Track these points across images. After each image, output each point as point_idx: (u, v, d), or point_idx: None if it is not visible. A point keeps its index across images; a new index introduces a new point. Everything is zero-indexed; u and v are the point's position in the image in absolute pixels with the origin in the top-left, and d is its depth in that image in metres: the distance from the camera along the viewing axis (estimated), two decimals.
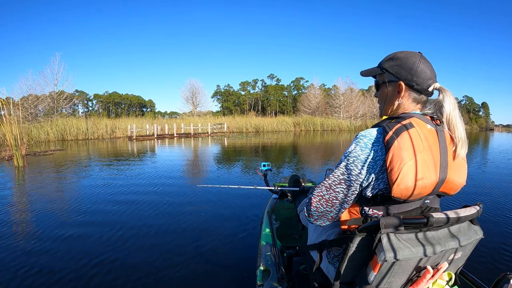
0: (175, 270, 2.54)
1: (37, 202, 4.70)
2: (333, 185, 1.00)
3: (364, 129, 1.04)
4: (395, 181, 0.89)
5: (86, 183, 6.27)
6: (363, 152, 0.96)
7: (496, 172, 7.73)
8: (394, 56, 1.08)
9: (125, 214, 4.08)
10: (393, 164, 0.89)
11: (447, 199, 3.95)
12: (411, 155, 0.89)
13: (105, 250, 2.93)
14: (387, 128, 0.95)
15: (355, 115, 46.37)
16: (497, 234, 3.29)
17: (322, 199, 1.03)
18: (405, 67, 1.03)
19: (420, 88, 1.03)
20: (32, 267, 2.59)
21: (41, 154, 11.52)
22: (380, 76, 1.13)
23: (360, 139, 0.98)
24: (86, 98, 75.79)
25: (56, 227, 3.57)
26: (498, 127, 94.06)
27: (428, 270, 0.91)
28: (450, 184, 0.97)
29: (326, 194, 1.02)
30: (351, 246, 0.92)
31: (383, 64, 1.10)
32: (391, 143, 0.90)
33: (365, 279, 0.91)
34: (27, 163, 8.90)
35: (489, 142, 22.45)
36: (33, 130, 20.13)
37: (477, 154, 12.83)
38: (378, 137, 0.96)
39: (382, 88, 1.12)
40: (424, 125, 0.96)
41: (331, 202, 1.02)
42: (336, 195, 1.00)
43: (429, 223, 0.85)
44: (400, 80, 1.04)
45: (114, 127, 24.40)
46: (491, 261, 2.65)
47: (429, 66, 1.04)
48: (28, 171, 7.72)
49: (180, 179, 6.62)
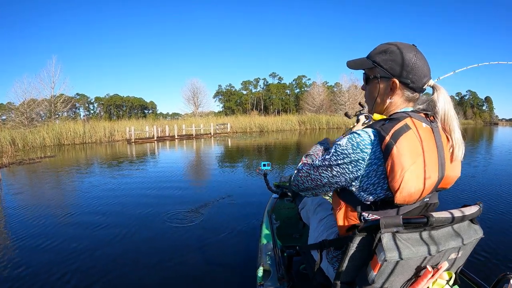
0: (175, 270, 2.54)
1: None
2: (320, 169, 1.01)
3: None
4: (398, 189, 0.87)
5: (58, 202, 5.39)
6: (354, 152, 0.92)
7: (497, 169, 7.61)
8: (386, 48, 1.00)
9: (119, 217, 3.70)
10: (394, 172, 0.86)
11: (447, 199, 4.33)
12: (412, 160, 0.86)
13: (103, 250, 2.96)
14: (382, 132, 0.90)
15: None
16: (498, 233, 3.29)
17: (309, 177, 1.06)
18: (401, 63, 0.97)
19: (415, 86, 0.98)
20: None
21: (26, 163, 10.46)
22: (370, 70, 1.04)
23: (353, 138, 0.93)
24: (87, 101, 75.66)
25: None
26: (502, 121, 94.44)
27: (428, 269, 0.89)
28: (448, 179, 0.96)
29: (313, 174, 1.04)
30: (351, 246, 0.90)
31: (375, 57, 1.02)
32: (390, 149, 0.87)
33: (365, 279, 0.89)
34: (9, 172, 7.97)
35: (495, 139, 21.60)
36: (28, 135, 19.43)
37: (482, 150, 12.62)
38: (372, 141, 0.91)
39: (373, 84, 1.04)
40: (420, 124, 0.92)
41: (315, 182, 1.04)
42: (321, 178, 1.02)
43: (429, 223, 0.84)
44: (394, 77, 0.98)
45: (112, 129, 23.55)
46: (491, 261, 2.63)
47: (425, 62, 0.99)
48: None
49: (179, 188, 5.95)
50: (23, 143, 18.83)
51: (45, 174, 8.09)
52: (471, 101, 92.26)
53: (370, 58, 1.03)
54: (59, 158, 12.31)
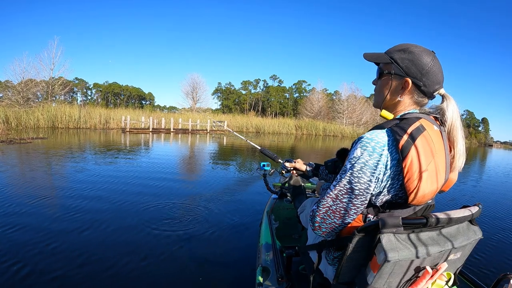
0: (174, 270, 2.47)
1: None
2: (340, 195, 0.94)
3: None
4: (414, 189, 0.87)
5: (46, 182, 5.31)
6: (371, 158, 0.89)
7: (496, 172, 8.29)
8: (407, 48, 0.99)
9: (115, 211, 3.69)
10: (412, 172, 0.86)
11: (447, 198, 4.38)
12: (428, 160, 0.87)
13: (101, 251, 2.73)
14: (399, 131, 0.89)
15: (358, 122, 45.89)
16: (497, 234, 3.29)
17: (329, 210, 0.96)
18: (417, 64, 0.97)
19: (427, 90, 0.98)
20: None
21: (17, 142, 10.34)
22: (386, 65, 1.04)
23: (366, 143, 0.90)
24: (85, 86, 75.00)
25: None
26: (497, 143, 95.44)
27: (428, 270, 0.89)
28: (449, 182, 0.98)
29: (333, 205, 0.95)
30: (350, 247, 0.89)
31: (393, 54, 1.01)
32: (408, 149, 0.86)
33: (364, 280, 0.89)
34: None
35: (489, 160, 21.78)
36: (23, 114, 19.21)
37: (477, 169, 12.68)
38: (388, 141, 0.90)
39: (386, 79, 1.04)
40: (431, 126, 0.93)
41: (338, 213, 0.95)
42: (344, 206, 0.94)
43: (428, 224, 0.84)
44: (408, 77, 0.98)
45: (108, 117, 23.39)
46: (490, 261, 2.62)
47: (441, 70, 0.99)
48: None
49: (173, 180, 5.86)
50: (17, 122, 18.63)
51: (32, 155, 7.95)
52: (468, 121, 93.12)
53: (388, 54, 1.03)
54: (51, 140, 12.14)
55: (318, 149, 17.52)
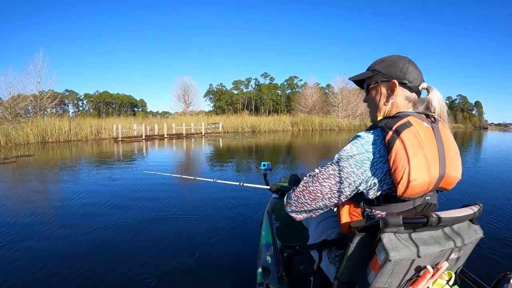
0: (174, 270, 2.50)
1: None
2: (321, 178, 0.99)
3: (364, 128, 1.05)
4: (400, 180, 0.88)
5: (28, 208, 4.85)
6: (359, 152, 0.94)
7: (496, 171, 7.67)
8: (384, 59, 1.10)
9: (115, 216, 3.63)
10: (396, 164, 0.88)
11: (447, 198, 4.35)
12: (414, 153, 0.88)
13: (100, 251, 2.86)
14: (386, 128, 0.93)
15: (353, 114, 45.78)
16: (497, 233, 3.27)
17: (306, 190, 1.02)
18: (397, 67, 1.05)
19: (412, 85, 1.05)
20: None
21: (0, 162, 9.56)
22: (370, 78, 1.12)
23: (357, 140, 0.97)
24: (76, 97, 74.18)
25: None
26: (491, 125, 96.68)
27: (428, 269, 0.89)
28: (449, 179, 0.97)
29: (311, 186, 1.01)
30: (351, 246, 0.90)
31: (374, 66, 1.11)
32: (393, 143, 0.89)
33: (365, 279, 0.89)
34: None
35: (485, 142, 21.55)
36: (12, 131, 18.60)
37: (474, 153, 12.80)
38: (376, 139, 0.95)
39: (375, 89, 1.11)
40: (421, 123, 0.95)
41: (313, 194, 1.01)
42: (321, 189, 0.99)
43: (429, 223, 0.84)
44: (393, 79, 1.05)
45: (99, 127, 22.82)
46: (491, 261, 2.63)
47: (417, 68, 1.08)
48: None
49: (171, 184, 5.67)
50: (6, 139, 18.02)
51: (11, 177, 7.41)
52: (461, 105, 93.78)
53: (369, 69, 1.12)
54: (37, 157, 11.44)
55: (315, 144, 17.33)
